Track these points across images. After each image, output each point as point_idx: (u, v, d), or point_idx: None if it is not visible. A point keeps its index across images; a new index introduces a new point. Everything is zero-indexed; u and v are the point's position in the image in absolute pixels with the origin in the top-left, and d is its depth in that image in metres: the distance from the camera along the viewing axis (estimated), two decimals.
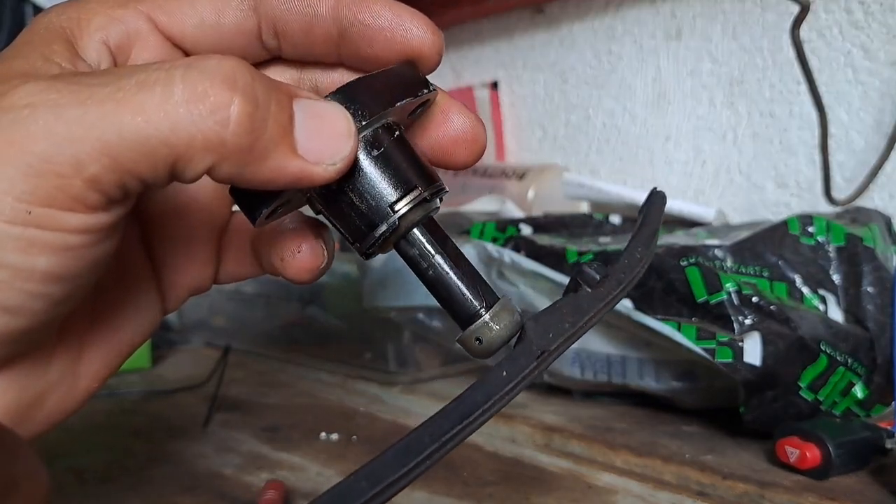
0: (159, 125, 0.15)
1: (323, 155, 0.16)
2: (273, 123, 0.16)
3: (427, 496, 0.28)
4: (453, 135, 0.20)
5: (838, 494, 0.27)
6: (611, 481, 0.30)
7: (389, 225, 0.18)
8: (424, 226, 0.19)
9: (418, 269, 0.19)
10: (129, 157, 0.15)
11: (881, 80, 0.46)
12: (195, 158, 0.15)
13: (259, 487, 0.29)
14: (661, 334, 0.31)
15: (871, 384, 0.33)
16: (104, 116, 0.15)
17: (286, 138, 0.16)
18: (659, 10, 0.56)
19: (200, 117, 0.15)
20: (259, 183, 0.16)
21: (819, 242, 0.35)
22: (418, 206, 0.18)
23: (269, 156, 0.16)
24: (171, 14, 0.19)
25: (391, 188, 0.18)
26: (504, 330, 0.18)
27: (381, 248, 0.18)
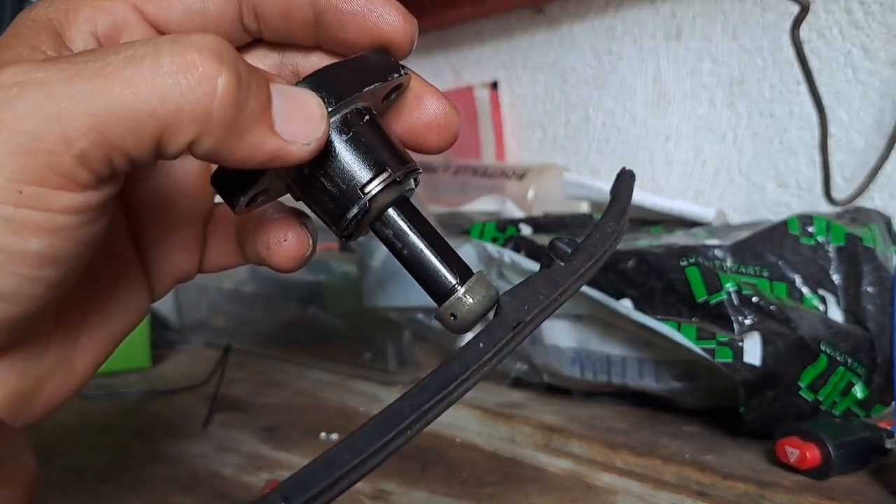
0: (148, 97, 0.15)
1: (297, 135, 0.17)
2: (254, 101, 0.16)
3: (427, 496, 0.28)
4: (426, 120, 0.20)
5: (838, 494, 0.27)
6: (611, 481, 0.30)
7: (360, 207, 0.18)
8: (398, 206, 0.19)
9: (394, 249, 0.19)
10: (117, 131, 0.15)
11: (881, 80, 0.46)
12: (180, 130, 0.15)
13: (259, 487, 0.29)
14: (661, 334, 0.31)
15: (871, 384, 0.33)
16: (93, 91, 0.15)
17: (265, 116, 0.16)
18: (659, 10, 0.56)
19: (189, 87, 0.15)
20: (237, 160, 0.16)
21: (819, 242, 0.35)
22: (390, 188, 0.18)
23: (249, 131, 0.16)
24: (158, 3, 0.19)
25: (362, 171, 0.18)
26: (478, 304, 0.19)
27: (357, 231, 0.19)
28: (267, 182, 0.18)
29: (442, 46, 0.74)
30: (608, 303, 0.33)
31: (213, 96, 0.15)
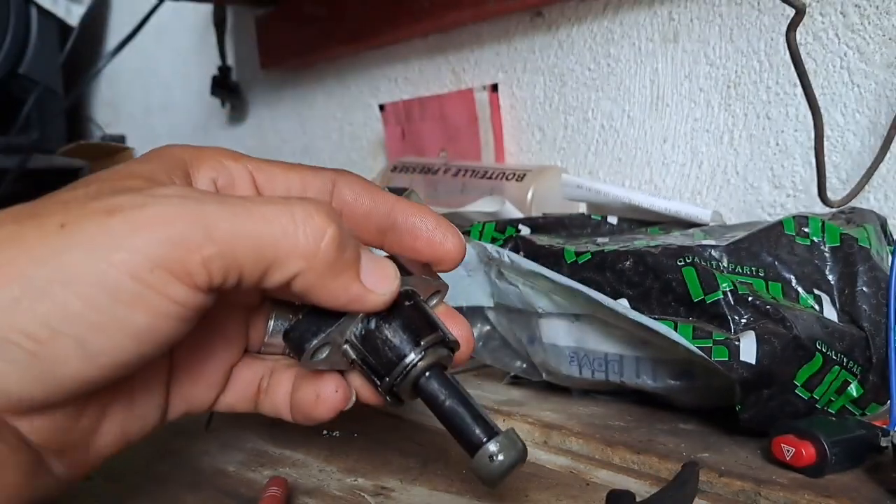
0: (275, 231, 0.19)
1: (377, 286, 0.21)
2: (350, 252, 0.21)
3: (427, 492, 0.29)
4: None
5: (834, 492, 0.27)
6: (608, 478, 0.30)
7: (417, 354, 0.23)
8: (438, 368, 0.23)
9: (434, 403, 0.23)
10: (243, 250, 0.19)
11: (876, 83, 0.46)
12: (290, 262, 0.19)
13: (262, 484, 0.29)
14: (658, 333, 0.32)
15: (867, 383, 0.33)
16: (235, 216, 0.19)
17: (355, 266, 0.21)
18: (657, 13, 0.57)
19: (305, 231, 0.19)
20: (327, 295, 0.21)
21: (814, 243, 0.35)
22: (434, 349, 0.23)
23: (341, 275, 0.20)
24: (268, 177, 0.24)
25: (418, 330, 0.23)
26: (507, 459, 0.22)
27: (404, 380, 0.23)
28: (332, 338, 0.23)
29: (442, 49, 0.74)
30: (606, 302, 0.33)
31: (321, 241, 0.20)
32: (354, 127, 0.89)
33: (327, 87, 0.91)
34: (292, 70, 0.95)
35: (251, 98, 1.04)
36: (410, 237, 0.24)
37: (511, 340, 0.41)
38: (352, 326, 0.23)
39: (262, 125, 1.03)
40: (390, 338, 0.22)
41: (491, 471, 0.22)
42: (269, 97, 1.01)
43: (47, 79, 1.25)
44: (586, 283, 0.35)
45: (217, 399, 0.25)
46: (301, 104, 0.96)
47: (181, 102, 1.20)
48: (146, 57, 1.26)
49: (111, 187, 0.20)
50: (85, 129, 1.44)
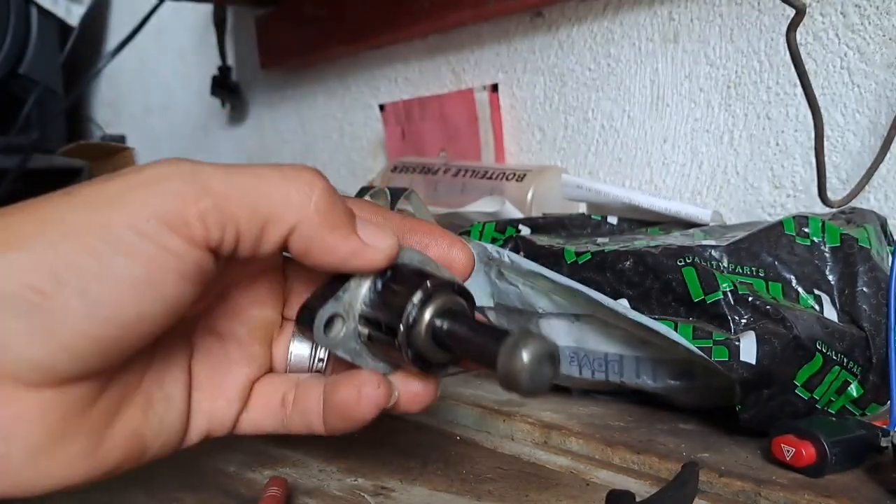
0: (267, 186, 0.20)
1: (375, 240, 0.21)
2: (342, 207, 0.21)
3: (427, 492, 0.29)
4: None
5: (834, 492, 0.27)
6: (608, 478, 0.30)
7: (423, 292, 0.22)
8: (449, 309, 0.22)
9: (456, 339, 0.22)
10: (237, 203, 0.19)
11: (876, 83, 0.46)
12: (284, 216, 0.20)
13: (262, 484, 0.29)
14: (659, 333, 0.32)
15: (867, 383, 0.33)
16: (229, 173, 0.20)
17: (350, 222, 0.21)
18: (657, 13, 0.57)
19: (297, 186, 0.20)
20: (325, 251, 0.21)
21: (814, 243, 0.35)
22: (441, 291, 0.22)
23: (337, 228, 0.21)
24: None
25: (421, 277, 0.22)
26: (533, 353, 0.19)
27: (416, 325, 0.22)
28: (343, 304, 0.22)
29: (443, 50, 0.75)
30: (606, 302, 0.33)
31: (312, 193, 0.20)
32: (354, 127, 0.89)
33: (327, 88, 0.91)
34: (292, 70, 0.95)
35: (251, 98, 1.04)
36: (422, 248, 0.24)
37: None
38: (360, 299, 0.22)
39: (263, 125, 1.03)
40: (397, 290, 0.22)
41: (520, 368, 0.19)
42: (270, 97, 1.01)
43: (47, 79, 1.25)
44: (586, 284, 0.35)
45: (240, 416, 0.25)
46: (301, 104, 0.96)
47: (181, 102, 1.20)
48: (146, 57, 1.26)
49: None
50: (85, 129, 1.44)
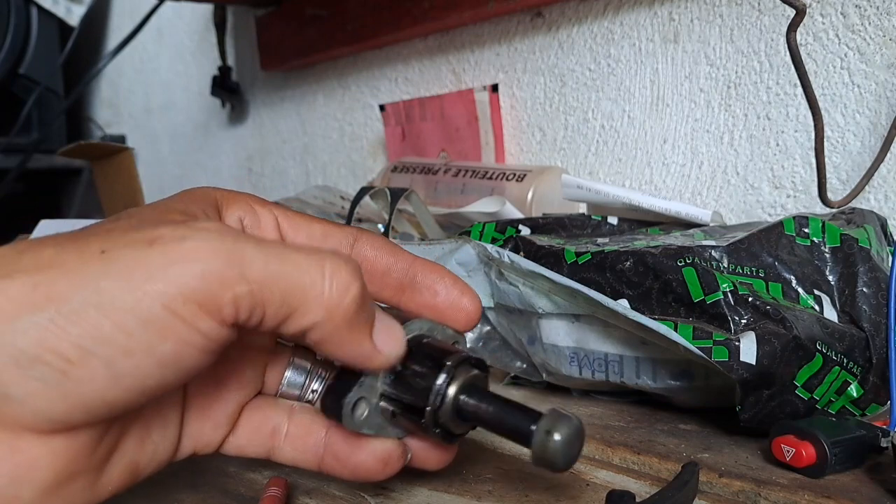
0: (304, 278, 0.20)
1: (385, 346, 0.22)
2: (367, 312, 0.21)
3: (427, 492, 0.29)
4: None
5: (834, 492, 0.27)
6: (608, 478, 0.30)
7: (447, 373, 0.23)
8: (473, 386, 0.24)
9: (479, 415, 0.23)
10: (271, 293, 0.19)
11: (877, 83, 0.46)
12: (312, 311, 0.20)
13: (262, 484, 0.29)
14: (658, 334, 0.32)
15: (867, 383, 0.33)
16: (269, 258, 0.19)
17: (369, 324, 0.22)
18: (657, 14, 0.57)
19: (332, 285, 0.20)
20: (339, 348, 0.21)
21: (814, 243, 0.35)
22: (462, 367, 0.24)
23: (355, 331, 0.21)
24: (292, 224, 0.25)
25: (441, 356, 0.24)
26: (565, 436, 0.21)
27: (443, 403, 0.23)
28: (366, 389, 0.23)
29: (443, 50, 0.75)
30: (606, 302, 0.33)
31: (346, 296, 0.20)
32: (355, 127, 0.89)
33: (328, 88, 0.91)
34: (293, 70, 0.95)
35: (251, 98, 1.04)
36: (430, 294, 0.25)
37: (511, 341, 0.41)
38: (381, 379, 0.24)
39: (263, 125, 1.03)
40: (419, 370, 0.23)
41: (554, 450, 0.21)
42: (270, 97, 1.01)
43: (48, 79, 1.25)
44: (586, 284, 0.35)
45: (225, 440, 0.25)
46: (301, 104, 0.96)
47: (181, 103, 1.20)
48: (146, 57, 1.26)
49: (152, 219, 0.21)
50: (85, 130, 1.44)
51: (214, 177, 1.14)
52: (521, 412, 0.23)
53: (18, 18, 1.20)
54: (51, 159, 1.20)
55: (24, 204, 1.26)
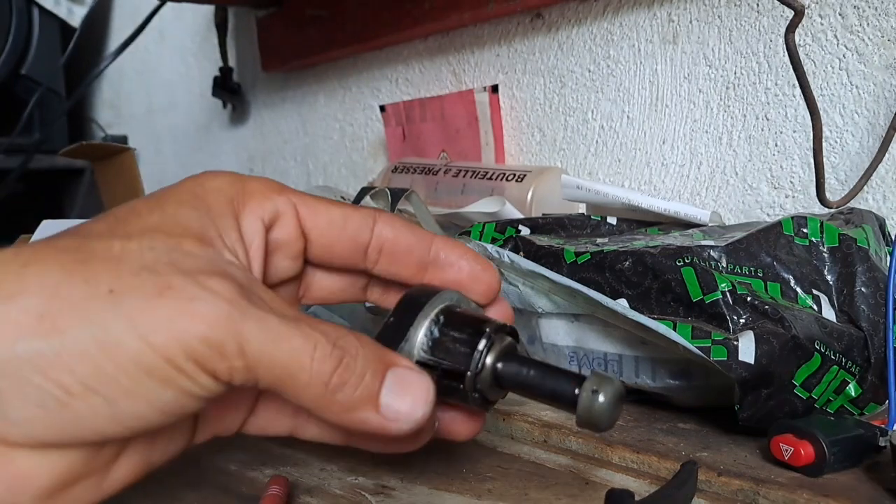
0: (293, 365, 0.20)
1: (399, 416, 0.21)
2: (362, 388, 0.21)
3: (427, 490, 0.29)
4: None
5: (832, 491, 0.28)
6: (607, 477, 0.30)
7: (486, 339, 0.23)
8: (510, 352, 0.24)
9: (520, 380, 0.24)
10: (263, 372, 0.20)
11: (875, 84, 0.46)
12: (301, 398, 0.20)
13: (263, 483, 0.29)
14: (657, 333, 0.32)
15: (865, 383, 0.33)
16: (266, 337, 0.20)
17: (371, 400, 0.21)
18: (656, 15, 0.57)
19: (319, 369, 0.20)
20: (345, 425, 0.21)
21: (813, 243, 0.35)
22: (498, 334, 0.24)
23: (355, 410, 0.21)
24: (311, 210, 0.24)
25: (479, 323, 0.24)
26: (607, 391, 0.22)
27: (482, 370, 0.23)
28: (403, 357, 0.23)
29: (443, 51, 0.75)
30: (605, 302, 0.33)
31: (337, 392, 0.20)
32: (355, 128, 0.89)
33: (328, 88, 0.92)
34: (293, 71, 0.95)
35: (252, 99, 1.05)
36: (454, 270, 0.25)
37: None
38: (418, 346, 0.23)
39: (264, 126, 1.04)
40: (457, 336, 0.23)
41: (600, 409, 0.22)
42: (271, 98, 1.01)
43: (49, 80, 1.26)
44: (586, 283, 0.35)
45: (247, 420, 0.26)
46: (302, 105, 0.96)
47: (183, 103, 1.20)
48: (148, 58, 1.26)
49: (167, 252, 0.20)
50: (87, 130, 1.44)
51: None
52: (563, 375, 0.23)
53: (20, 19, 1.20)
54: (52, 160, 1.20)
55: (26, 204, 1.26)
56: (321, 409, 0.21)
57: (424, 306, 0.23)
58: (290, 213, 0.24)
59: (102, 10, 1.36)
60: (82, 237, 0.20)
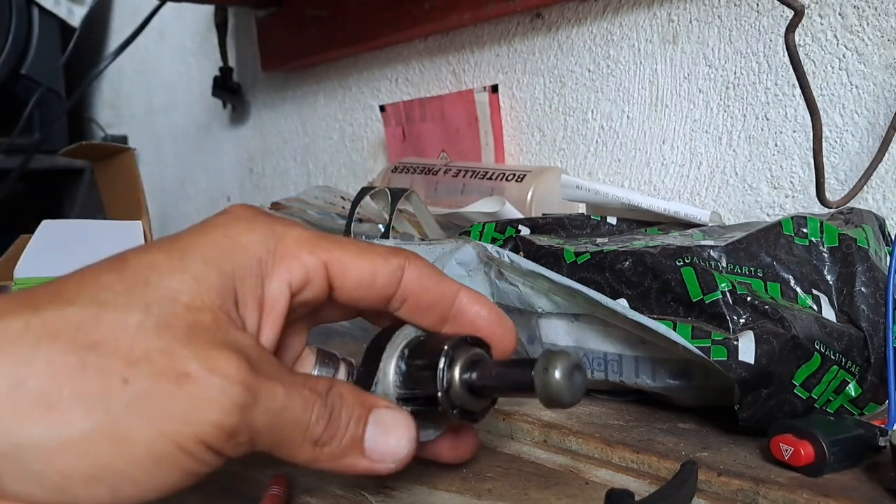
0: (293, 435, 0.21)
1: (385, 457, 0.23)
2: (348, 437, 0.22)
3: (428, 490, 0.29)
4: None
5: (832, 491, 0.27)
6: (607, 477, 0.30)
7: (446, 356, 0.24)
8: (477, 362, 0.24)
9: (489, 386, 0.24)
10: (264, 440, 0.21)
11: (875, 84, 0.46)
12: (295, 457, 0.22)
13: (263, 482, 0.29)
14: (657, 333, 0.32)
15: (865, 383, 0.33)
16: (270, 416, 0.20)
17: (356, 446, 0.22)
18: (656, 15, 0.57)
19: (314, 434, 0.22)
20: (337, 471, 0.22)
21: (813, 243, 0.35)
22: (459, 348, 0.24)
23: (344, 456, 0.22)
24: (341, 268, 0.24)
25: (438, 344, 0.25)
26: (562, 372, 0.22)
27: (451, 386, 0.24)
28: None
29: (443, 51, 0.75)
30: (605, 302, 0.33)
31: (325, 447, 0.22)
32: (355, 128, 0.89)
33: (328, 88, 0.92)
34: (293, 71, 0.95)
35: (252, 99, 1.05)
36: (472, 329, 0.26)
37: None
38: (392, 384, 0.24)
39: (264, 126, 1.04)
40: (421, 363, 0.24)
41: (556, 386, 0.22)
42: (271, 98, 1.01)
43: (49, 80, 1.26)
44: (585, 283, 0.35)
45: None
46: (302, 105, 0.96)
47: (183, 103, 1.20)
48: (148, 58, 1.26)
49: (185, 331, 0.20)
50: (87, 130, 1.44)
51: (216, 177, 1.14)
52: (518, 366, 0.23)
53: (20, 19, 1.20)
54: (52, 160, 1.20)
55: (26, 204, 1.26)
56: (311, 463, 0.22)
57: (387, 346, 0.25)
58: (321, 275, 0.24)
59: (102, 9, 1.36)
60: (99, 305, 0.19)
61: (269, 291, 0.23)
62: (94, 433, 0.18)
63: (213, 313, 0.21)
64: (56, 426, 0.18)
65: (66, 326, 0.19)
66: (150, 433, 0.19)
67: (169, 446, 0.19)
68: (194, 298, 0.20)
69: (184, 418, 0.19)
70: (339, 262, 0.24)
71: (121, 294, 0.20)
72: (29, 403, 0.18)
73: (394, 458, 0.23)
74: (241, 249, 0.22)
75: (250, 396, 0.20)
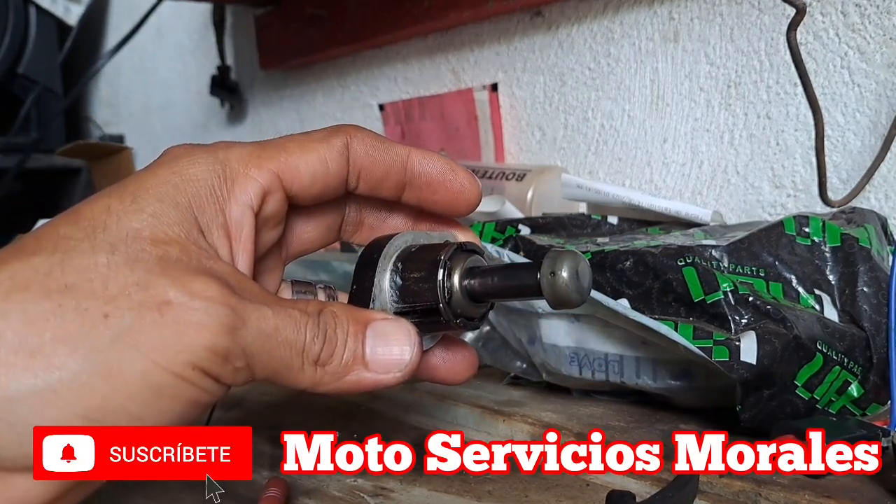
0: (292, 360, 0.21)
1: (390, 367, 0.22)
2: (348, 353, 0.22)
3: (427, 492, 0.29)
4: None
5: (834, 492, 0.27)
6: (608, 479, 0.30)
7: (443, 267, 0.23)
8: (470, 268, 0.24)
9: (490, 290, 0.24)
10: (261, 368, 0.20)
11: (877, 82, 0.46)
12: (297, 383, 0.21)
13: (261, 485, 0.29)
14: (659, 333, 0.32)
15: (867, 383, 0.33)
16: (263, 336, 0.20)
17: (359, 361, 0.22)
18: (657, 13, 0.57)
19: (310, 360, 0.21)
20: (344, 392, 0.22)
21: (815, 243, 0.35)
22: (454, 256, 0.24)
23: (348, 374, 0.22)
24: (293, 172, 0.23)
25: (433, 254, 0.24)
26: (569, 271, 0.21)
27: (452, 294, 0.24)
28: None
29: (443, 49, 0.74)
30: (606, 302, 0.33)
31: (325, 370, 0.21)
32: None
33: (327, 87, 0.91)
34: (292, 69, 0.95)
35: (250, 97, 1.04)
36: (429, 190, 0.25)
37: (511, 341, 0.41)
38: (388, 299, 0.24)
39: (262, 125, 1.03)
40: (417, 276, 0.23)
41: (564, 287, 0.21)
42: (269, 97, 1.01)
43: (46, 78, 1.25)
44: None
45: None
46: (300, 104, 0.96)
47: (180, 102, 1.20)
48: (145, 56, 1.26)
49: (156, 262, 0.19)
50: (84, 129, 1.44)
51: None
52: (523, 269, 0.23)
53: (17, 18, 1.20)
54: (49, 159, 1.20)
55: (23, 203, 1.26)
56: (316, 386, 0.21)
57: (379, 261, 0.24)
58: (276, 185, 0.23)
59: (99, 8, 1.36)
60: (62, 252, 0.19)
61: (231, 217, 0.22)
62: (83, 373, 0.18)
63: (180, 244, 0.20)
64: (43, 371, 0.17)
65: (33, 275, 0.18)
66: (144, 365, 0.18)
67: (165, 376, 0.18)
68: (157, 233, 0.20)
69: (174, 346, 0.18)
70: (289, 167, 0.23)
71: (82, 240, 0.19)
72: (9, 353, 0.17)
73: (399, 366, 0.22)
74: (191, 181, 0.21)
75: (237, 317, 0.19)
